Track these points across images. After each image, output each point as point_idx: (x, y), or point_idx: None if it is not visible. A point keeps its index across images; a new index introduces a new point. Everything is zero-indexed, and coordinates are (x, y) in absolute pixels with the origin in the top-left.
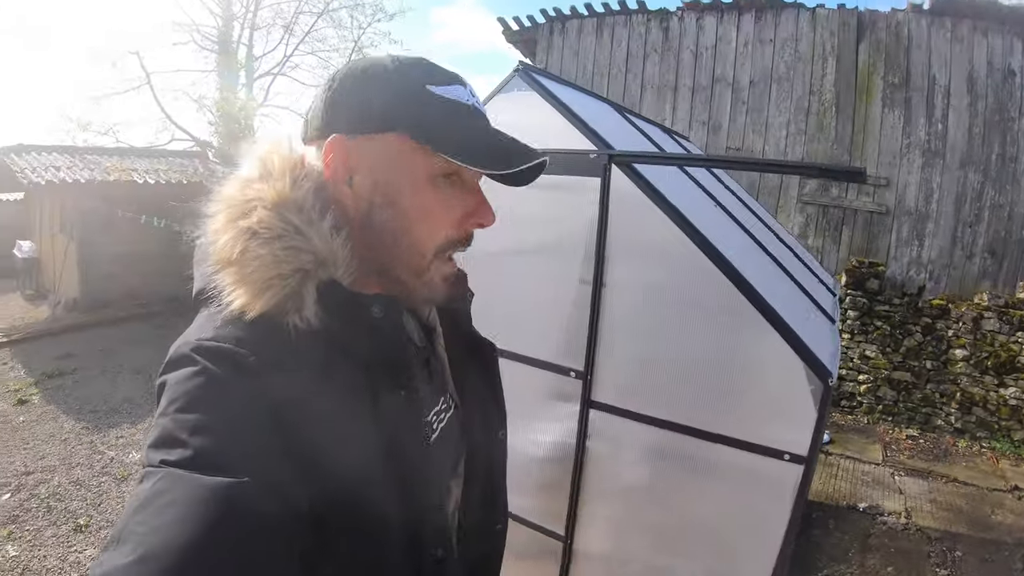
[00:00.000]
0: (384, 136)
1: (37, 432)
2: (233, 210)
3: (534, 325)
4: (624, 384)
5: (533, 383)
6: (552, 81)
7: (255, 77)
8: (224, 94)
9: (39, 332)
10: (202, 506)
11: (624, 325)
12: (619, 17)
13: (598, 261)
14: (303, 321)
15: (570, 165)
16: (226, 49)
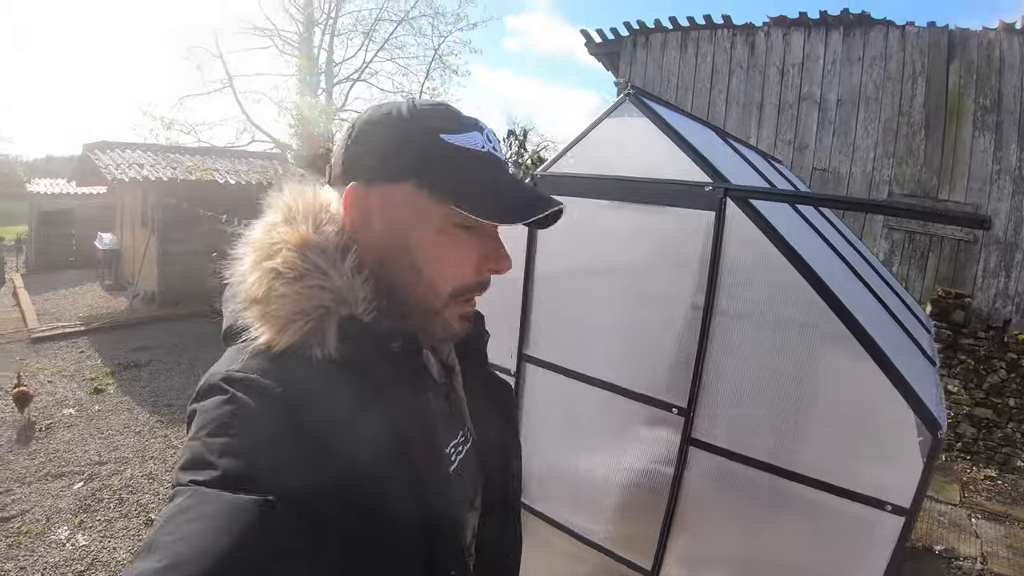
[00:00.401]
0: (399, 186)
1: (112, 422)
2: (259, 252)
3: (633, 355)
4: (727, 423)
5: (629, 410)
6: (661, 106)
7: (335, 82)
8: (304, 98)
9: (116, 323)
10: (228, 520)
11: (729, 363)
12: (704, 32)
13: (708, 297)
14: (325, 354)
15: (682, 197)
16: (307, 54)
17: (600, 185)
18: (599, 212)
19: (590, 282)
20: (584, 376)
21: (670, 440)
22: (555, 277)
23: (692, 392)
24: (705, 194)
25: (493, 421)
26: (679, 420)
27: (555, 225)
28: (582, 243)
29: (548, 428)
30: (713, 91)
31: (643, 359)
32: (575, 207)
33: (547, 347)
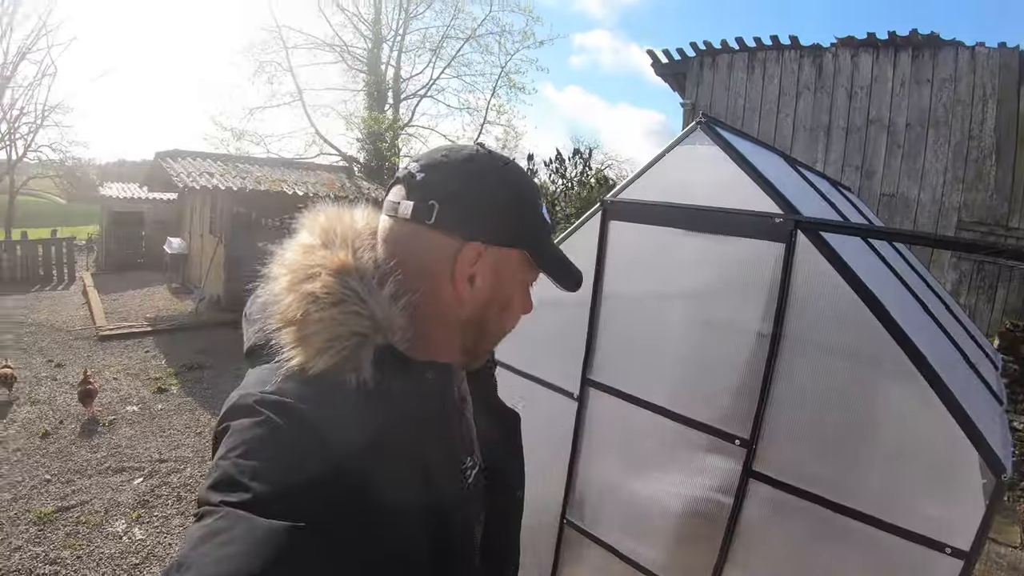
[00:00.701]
0: (513, 251)
1: (174, 421)
2: (297, 274)
3: (697, 383)
4: (787, 456)
5: (690, 438)
6: (731, 134)
7: (402, 97)
8: (372, 113)
9: (182, 325)
10: (260, 546)
11: (793, 396)
12: (771, 52)
13: (775, 329)
14: (360, 381)
15: (751, 228)
16: (375, 70)
17: (670, 213)
18: (668, 239)
19: (656, 309)
20: (646, 403)
21: (730, 471)
22: (621, 302)
23: (755, 424)
24: (775, 225)
25: (500, 450)
26: (740, 451)
27: (624, 252)
28: (650, 269)
29: (607, 452)
30: (780, 114)
31: (706, 388)
32: (644, 234)
33: (611, 372)
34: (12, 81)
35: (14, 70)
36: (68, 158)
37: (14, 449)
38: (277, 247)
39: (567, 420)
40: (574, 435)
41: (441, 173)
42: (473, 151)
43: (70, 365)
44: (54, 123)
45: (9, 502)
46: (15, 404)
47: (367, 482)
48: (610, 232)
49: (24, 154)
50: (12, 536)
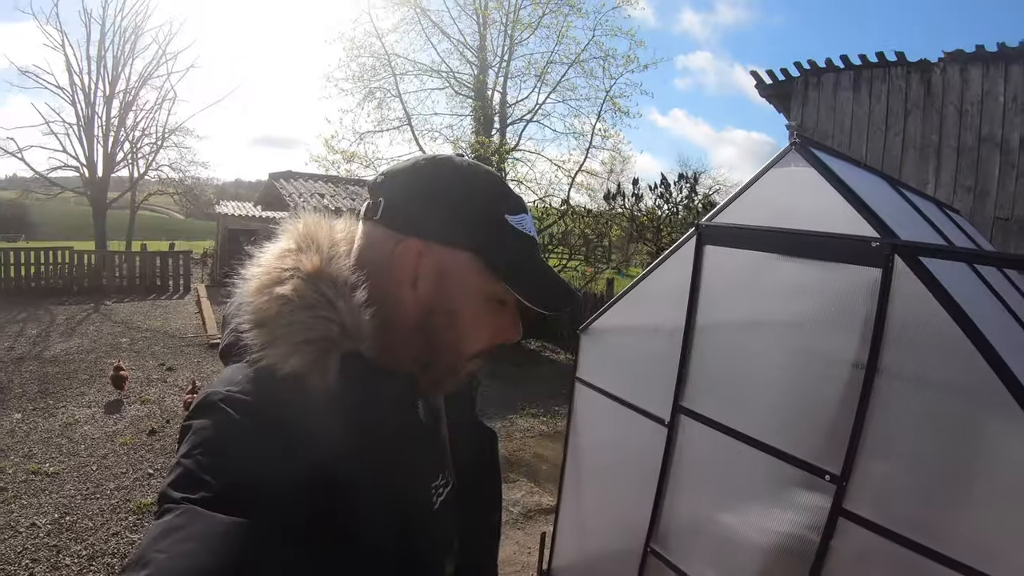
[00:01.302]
0: (459, 252)
1: None
2: (270, 276)
3: (788, 414)
4: (881, 496)
5: (780, 472)
6: (828, 155)
7: (508, 122)
8: (478, 137)
9: None
10: (218, 541)
11: (889, 432)
12: (877, 70)
13: (871, 360)
14: (325, 385)
15: (847, 252)
16: (481, 95)
17: (764, 237)
18: (763, 264)
19: (749, 336)
20: (736, 432)
21: (819, 507)
22: (715, 329)
23: (847, 459)
24: (871, 250)
25: (475, 469)
26: (831, 487)
27: (718, 277)
28: (744, 295)
29: (695, 481)
30: (888, 133)
31: (798, 420)
32: (739, 259)
33: (702, 400)
34: (135, 105)
35: (136, 95)
36: (187, 177)
37: (121, 443)
38: (255, 250)
39: (656, 446)
40: (663, 462)
41: (396, 172)
42: (436, 154)
43: (180, 369)
44: (174, 144)
45: (112, 491)
46: (126, 403)
47: (327, 485)
48: (705, 257)
49: (145, 172)
50: (112, 522)
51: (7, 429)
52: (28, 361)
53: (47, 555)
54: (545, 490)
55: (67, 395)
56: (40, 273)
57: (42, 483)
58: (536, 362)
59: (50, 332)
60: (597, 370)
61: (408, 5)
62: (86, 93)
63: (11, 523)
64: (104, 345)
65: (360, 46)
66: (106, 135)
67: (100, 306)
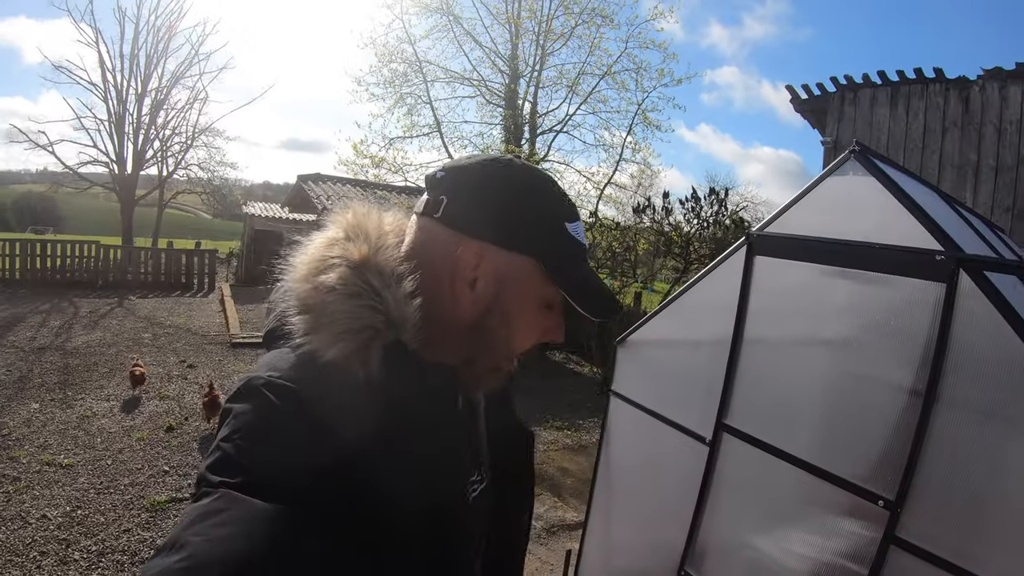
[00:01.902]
0: (520, 257)
1: None
2: (317, 263)
3: (841, 435)
4: (939, 524)
5: (829, 495)
6: (887, 165)
7: (538, 132)
8: (508, 146)
9: None
10: (255, 527)
11: (948, 456)
12: (915, 87)
13: (931, 380)
14: (367, 375)
15: (908, 265)
16: (512, 104)
17: (819, 248)
18: (816, 277)
19: (799, 352)
20: (783, 453)
21: (870, 535)
22: (763, 344)
23: (902, 485)
24: (936, 264)
25: (510, 468)
26: (883, 514)
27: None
28: (795, 309)
29: (736, 503)
30: (925, 151)
31: (850, 442)
32: (791, 271)
33: (747, 418)
34: (166, 103)
35: (167, 93)
36: (216, 177)
37: (138, 438)
38: (304, 239)
39: (695, 465)
40: (703, 481)
41: (457, 171)
42: (496, 156)
43: (201, 367)
44: (203, 144)
45: (126, 486)
46: (144, 398)
47: (365, 474)
48: (755, 268)
49: (174, 171)
50: (124, 519)
51: (24, 418)
52: (50, 352)
53: (56, 548)
54: (569, 505)
55: (86, 387)
56: (66, 266)
57: (55, 474)
58: (561, 374)
59: (73, 324)
60: (634, 383)
61: (441, 12)
62: (118, 90)
63: (21, 513)
64: (126, 339)
65: (392, 52)
66: (136, 132)
67: (124, 301)
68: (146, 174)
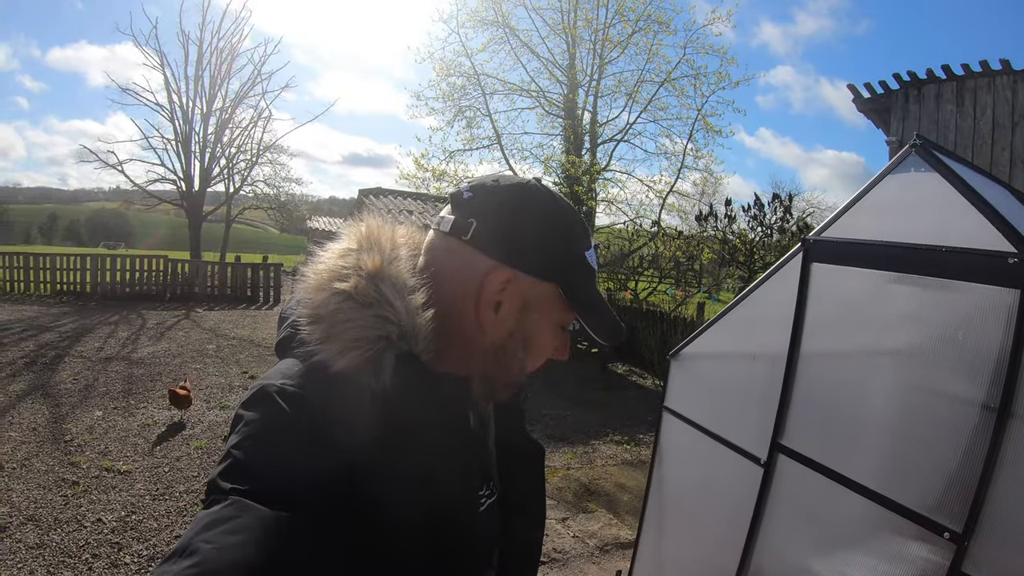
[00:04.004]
0: (544, 284)
1: None
2: (331, 273)
3: (904, 460)
4: (1008, 561)
5: (889, 525)
6: (951, 159)
7: (598, 142)
8: (569, 157)
9: None
10: (264, 535)
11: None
12: (981, 80)
13: (1004, 398)
14: (379, 384)
15: (977, 269)
16: (571, 115)
17: (880, 253)
18: (877, 285)
19: (860, 367)
20: (842, 477)
21: (935, 568)
22: (821, 358)
23: (971, 515)
24: (1008, 267)
25: (520, 481)
26: (949, 547)
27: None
28: (856, 320)
29: (791, 528)
30: (995, 148)
31: (915, 467)
32: (851, 278)
33: (804, 439)
34: (231, 122)
35: (232, 112)
36: (281, 193)
37: (196, 447)
38: (318, 249)
39: (749, 486)
40: (756, 504)
41: (487, 194)
42: (524, 181)
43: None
44: (268, 160)
45: (181, 493)
46: (205, 408)
47: (374, 482)
48: (812, 276)
49: (240, 187)
50: (177, 525)
51: (87, 425)
52: (115, 361)
53: (108, 551)
54: (624, 523)
55: (149, 396)
56: (135, 279)
57: (113, 480)
58: (623, 386)
59: (140, 335)
60: (687, 399)
61: (497, 25)
62: (184, 111)
63: (77, 516)
64: (191, 350)
65: (450, 65)
66: (203, 151)
67: (191, 313)
68: (213, 191)
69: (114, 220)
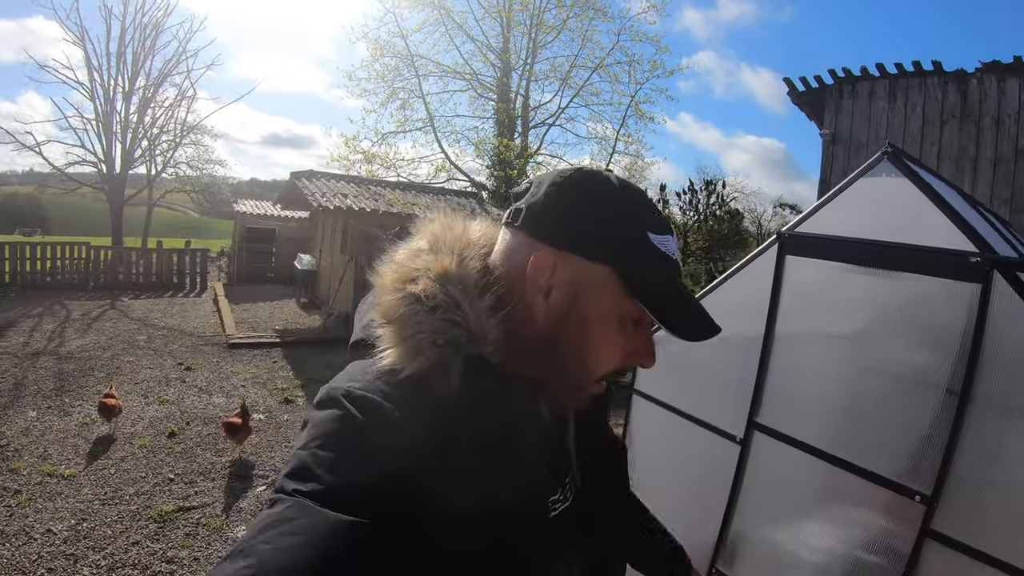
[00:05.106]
0: (596, 266)
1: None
2: (401, 274)
3: (875, 436)
4: (973, 519)
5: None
6: (919, 167)
7: (531, 126)
8: (501, 140)
9: (309, 339)
10: (323, 538)
11: (987, 453)
12: (913, 80)
13: (967, 379)
14: (448, 388)
15: (943, 266)
16: (504, 98)
17: (852, 249)
18: (849, 277)
19: (832, 351)
20: (817, 451)
21: (906, 529)
22: (795, 344)
23: (938, 480)
24: (970, 264)
25: (602, 484)
26: (919, 508)
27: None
28: (828, 310)
29: (769, 501)
30: (924, 143)
31: (887, 439)
32: (823, 271)
33: (779, 417)
34: (153, 101)
35: (155, 91)
36: (204, 175)
37: (140, 445)
38: (393, 249)
39: (726, 463)
40: (734, 481)
41: (541, 180)
42: (588, 167)
43: (199, 369)
44: (192, 142)
45: (132, 496)
46: (143, 402)
47: (440, 491)
48: (786, 267)
49: (162, 169)
50: (132, 531)
51: (21, 427)
52: (44, 357)
53: (64, 564)
54: None
55: (84, 393)
56: (56, 268)
57: (57, 486)
58: None
59: (66, 327)
60: (657, 383)
61: (433, 6)
62: (105, 89)
63: (25, 528)
64: (121, 342)
65: (384, 46)
66: (124, 132)
67: (116, 302)
68: (134, 173)
69: (28, 205)
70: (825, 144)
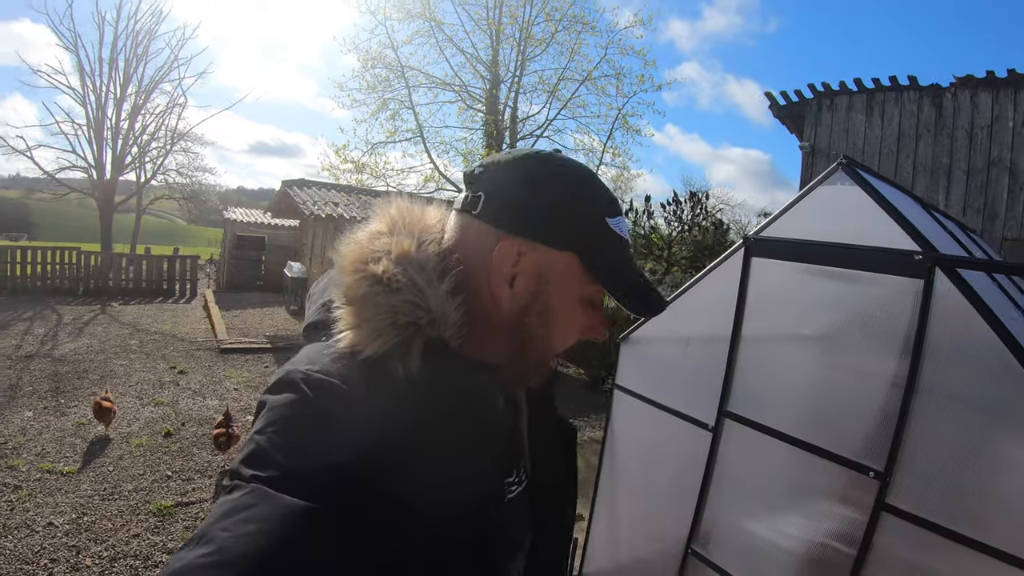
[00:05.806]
0: (560, 253)
1: None
2: (362, 255)
3: (832, 419)
4: (924, 492)
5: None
6: (870, 175)
7: (519, 137)
8: (489, 151)
9: (300, 344)
10: (282, 524)
11: (930, 432)
12: (889, 94)
13: (913, 364)
14: (406, 370)
15: (890, 264)
16: (493, 110)
17: (811, 250)
18: (808, 276)
19: (793, 344)
20: (781, 433)
21: (863, 503)
22: (760, 339)
23: (890, 459)
24: (914, 262)
25: (553, 465)
26: (874, 484)
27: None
28: (789, 306)
29: (739, 483)
30: (900, 155)
31: (843, 422)
32: (785, 271)
33: (747, 406)
34: (144, 108)
35: (147, 98)
36: (194, 183)
37: (136, 444)
38: (349, 232)
39: (699, 450)
40: (707, 464)
41: (496, 166)
42: (535, 150)
43: (192, 373)
44: (182, 149)
45: (131, 492)
46: (138, 404)
47: (399, 473)
48: (752, 269)
49: (152, 176)
50: (132, 524)
51: (18, 427)
52: (38, 359)
53: (66, 555)
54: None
55: (79, 395)
56: (46, 273)
57: (57, 482)
58: None
59: (58, 332)
60: (637, 378)
61: (423, 18)
62: (97, 95)
63: (27, 522)
64: (113, 346)
65: (375, 57)
66: (115, 138)
67: (106, 307)
68: (124, 179)
69: (14, 210)
70: (805, 156)
